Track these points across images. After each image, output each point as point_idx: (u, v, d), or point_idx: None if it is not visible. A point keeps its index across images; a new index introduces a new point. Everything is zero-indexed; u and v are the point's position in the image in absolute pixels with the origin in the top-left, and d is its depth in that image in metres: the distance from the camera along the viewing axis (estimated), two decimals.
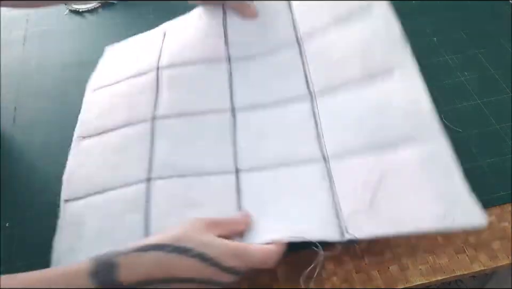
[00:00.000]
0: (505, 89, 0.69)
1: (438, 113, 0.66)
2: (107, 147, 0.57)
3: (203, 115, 0.58)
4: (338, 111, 0.55)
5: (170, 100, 0.59)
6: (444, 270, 0.52)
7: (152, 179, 0.52)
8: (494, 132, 0.64)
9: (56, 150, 0.65)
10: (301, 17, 0.66)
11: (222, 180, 0.52)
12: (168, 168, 0.52)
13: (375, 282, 0.52)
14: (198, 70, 0.62)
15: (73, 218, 0.52)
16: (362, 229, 0.46)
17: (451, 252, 0.54)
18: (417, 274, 0.52)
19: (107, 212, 0.51)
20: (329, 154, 0.53)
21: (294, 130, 0.56)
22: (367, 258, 0.54)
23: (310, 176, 0.51)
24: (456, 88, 0.69)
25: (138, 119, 0.59)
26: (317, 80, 0.58)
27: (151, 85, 0.62)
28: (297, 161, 0.53)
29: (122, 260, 0.39)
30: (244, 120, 0.57)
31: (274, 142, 0.55)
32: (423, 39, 0.76)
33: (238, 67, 0.62)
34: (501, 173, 0.60)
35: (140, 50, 0.71)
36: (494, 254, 0.53)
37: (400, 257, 0.53)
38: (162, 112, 0.58)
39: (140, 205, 0.50)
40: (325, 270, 0.53)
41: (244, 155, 0.54)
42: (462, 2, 0.82)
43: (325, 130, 0.54)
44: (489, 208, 0.57)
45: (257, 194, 0.50)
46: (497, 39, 0.75)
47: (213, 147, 0.55)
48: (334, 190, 0.50)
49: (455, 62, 0.73)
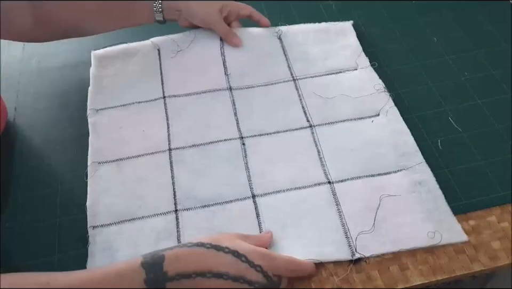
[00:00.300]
0: (505, 89, 0.69)
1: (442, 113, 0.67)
2: (127, 176, 0.60)
3: (215, 145, 0.63)
4: (336, 140, 0.62)
5: (183, 132, 0.64)
6: (443, 270, 0.52)
7: (179, 211, 0.57)
8: (494, 132, 0.64)
9: (56, 150, 0.66)
10: (292, 53, 0.73)
11: (240, 206, 0.57)
12: (191, 200, 0.58)
13: (375, 282, 0.52)
14: (204, 100, 0.68)
15: (104, 244, 0.54)
16: (368, 248, 0.53)
17: (451, 252, 0.54)
18: (417, 274, 0.52)
19: (140, 240, 0.54)
20: (333, 178, 0.59)
21: (298, 156, 0.61)
22: (367, 258, 0.54)
23: (319, 198, 0.57)
24: (456, 88, 0.69)
25: (155, 150, 0.62)
26: (314, 114, 0.65)
27: (161, 116, 0.66)
28: (305, 184, 0.58)
29: (168, 253, 0.45)
30: (253, 147, 0.62)
31: (282, 167, 0.60)
32: (423, 39, 0.76)
33: (239, 97, 0.68)
34: (501, 173, 0.60)
35: (137, 68, 0.73)
36: (494, 254, 0.53)
37: (400, 257, 0.54)
38: (177, 144, 0.63)
39: (172, 233, 0.55)
40: (325, 270, 0.53)
41: (257, 180, 0.59)
42: (462, 2, 0.82)
43: (326, 156, 0.61)
44: (489, 208, 0.57)
45: (275, 216, 0.56)
46: (497, 39, 0.76)
47: (228, 175, 0.60)
48: (341, 212, 0.55)
49: (455, 62, 0.73)
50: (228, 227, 0.55)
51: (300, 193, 0.57)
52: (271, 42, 0.75)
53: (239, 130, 0.64)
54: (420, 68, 0.72)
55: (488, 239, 0.54)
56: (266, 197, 0.57)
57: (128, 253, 0.53)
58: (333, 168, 0.59)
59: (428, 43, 0.76)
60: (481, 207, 0.57)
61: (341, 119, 0.64)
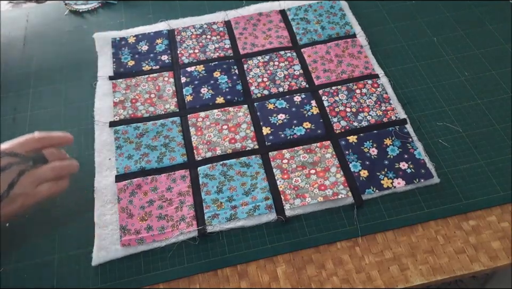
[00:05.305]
0: (505, 89, 0.69)
1: (442, 113, 0.67)
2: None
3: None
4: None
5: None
6: (443, 270, 0.52)
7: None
8: (494, 132, 0.64)
9: None
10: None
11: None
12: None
13: (375, 282, 0.52)
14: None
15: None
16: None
17: (451, 252, 0.54)
18: (417, 274, 0.52)
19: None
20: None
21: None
22: (367, 258, 0.54)
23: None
24: (456, 88, 0.69)
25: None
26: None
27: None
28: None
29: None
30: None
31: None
32: (423, 39, 0.76)
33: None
34: (501, 173, 0.60)
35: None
36: (494, 254, 0.53)
37: (400, 257, 0.54)
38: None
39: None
40: (325, 270, 0.53)
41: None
42: (462, 2, 0.82)
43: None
44: (489, 208, 0.57)
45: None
46: (497, 39, 0.76)
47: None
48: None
49: (455, 62, 0.73)
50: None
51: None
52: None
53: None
54: (419, 68, 0.72)
55: (488, 239, 0.54)
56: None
57: None
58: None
59: (428, 43, 0.76)
60: (481, 207, 0.57)
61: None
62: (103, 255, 0.55)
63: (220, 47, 0.77)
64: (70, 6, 0.86)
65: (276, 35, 0.78)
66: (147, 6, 0.85)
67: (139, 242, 0.56)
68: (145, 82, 0.72)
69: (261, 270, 0.54)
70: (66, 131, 0.55)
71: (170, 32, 0.79)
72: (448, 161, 0.61)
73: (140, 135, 0.66)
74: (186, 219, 0.57)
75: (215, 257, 0.55)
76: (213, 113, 0.68)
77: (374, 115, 0.66)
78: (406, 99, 0.68)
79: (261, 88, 0.71)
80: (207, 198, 0.59)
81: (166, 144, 0.64)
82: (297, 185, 0.60)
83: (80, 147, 0.65)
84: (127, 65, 0.75)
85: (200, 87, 0.71)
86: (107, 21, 0.83)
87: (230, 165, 0.62)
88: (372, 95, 0.68)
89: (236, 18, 0.81)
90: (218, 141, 0.65)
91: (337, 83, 0.70)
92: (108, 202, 0.59)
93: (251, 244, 0.56)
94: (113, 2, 0.86)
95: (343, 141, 0.64)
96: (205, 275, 0.54)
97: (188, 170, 0.62)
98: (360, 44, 0.75)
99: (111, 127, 0.67)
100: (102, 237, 0.56)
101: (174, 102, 0.70)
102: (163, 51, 0.77)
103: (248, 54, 0.75)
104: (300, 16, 0.80)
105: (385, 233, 0.56)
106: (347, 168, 0.61)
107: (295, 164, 0.62)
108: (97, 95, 0.71)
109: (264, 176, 0.61)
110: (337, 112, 0.67)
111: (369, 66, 0.72)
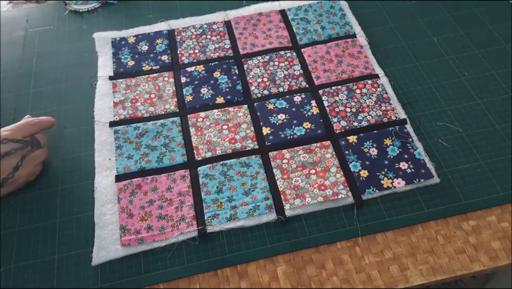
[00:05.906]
0: (505, 89, 0.69)
1: (442, 113, 0.67)
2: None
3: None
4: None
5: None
6: (443, 270, 0.52)
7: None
8: (494, 132, 0.64)
9: (56, 150, 0.66)
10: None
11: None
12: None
13: (375, 282, 0.52)
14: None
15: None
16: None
17: (451, 252, 0.54)
18: (417, 274, 0.52)
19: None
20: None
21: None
22: (367, 258, 0.54)
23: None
24: (456, 88, 0.69)
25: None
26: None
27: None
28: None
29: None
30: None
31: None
32: (423, 39, 0.76)
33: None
34: (501, 173, 0.60)
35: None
36: (494, 254, 0.53)
37: (400, 257, 0.54)
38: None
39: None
40: (325, 270, 0.53)
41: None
42: (462, 2, 0.82)
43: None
44: (489, 208, 0.57)
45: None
46: (497, 39, 0.76)
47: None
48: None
49: (455, 62, 0.73)
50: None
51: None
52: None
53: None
54: (419, 68, 0.72)
55: (488, 239, 0.54)
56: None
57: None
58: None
59: (428, 43, 0.76)
60: (481, 207, 0.57)
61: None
62: (103, 255, 0.55)
63: (219, 47, 0.77)
64: (70, 6, 0.86)
65: (276, 35, 0.78)
66: (147, 6, 0.85)
67: (139, 242, 0.56)
68: (145, 82, 0.72)
69: (261, 270, 0.54)
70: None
71: (170, 32, 0.79)
72: (448, 161, 0.61)
73: (140, 135, 0.66)
74: (186, 219, 0.57)
75: (215, 257, 0.55)
76: (213, 113, 0.68)
77: (374, 116, 0.66)
78: (406, 99, 0.68)
79: (261, 88, 0.71)
80: (207, 198, 0.59)
81: (166, 144, 0.64)
82: (297, 185, 0.60)
83: (80, 147, 0.65)
84: (127, 65, 0.75)
85: (200, 87, 0.71)
86: (107, 21, 0.83)
87: (230, 165, 0.62)
88: (372, 95, 0.68)
89: (236, 18, 0.81)
90: (218, 141, 0.65)
91: (337, 84, 0.70)
92: (107, 202, 0.59)
93: (251, 244, 0.56)
94: (113, 2, 0.86)
95: (343, 141, 0.64)
96: (205, 275, 0.54)
97: (187, 170, 0.62)
98: (360, 44, 0.75)
99: (111, 127, 0.67)
100: (102, 237, 0.56)
101: (174, 102, 0.70)
102: (163, 51, 0.77)
103: (248, 54, 0.75)
104: (300, 16, 0.81)
105: (385, 233, 0.56)
106: (347, 168, 0.61)
107: (295, 164, 0.62)
108: (97, 95, 0.71)
109: (264, 176, 0.61)
110: (337, 112, 0.67)
111: (369, 66, 0.72)
